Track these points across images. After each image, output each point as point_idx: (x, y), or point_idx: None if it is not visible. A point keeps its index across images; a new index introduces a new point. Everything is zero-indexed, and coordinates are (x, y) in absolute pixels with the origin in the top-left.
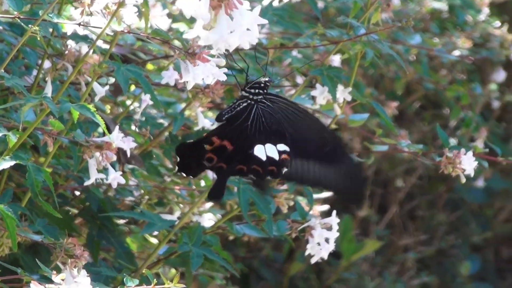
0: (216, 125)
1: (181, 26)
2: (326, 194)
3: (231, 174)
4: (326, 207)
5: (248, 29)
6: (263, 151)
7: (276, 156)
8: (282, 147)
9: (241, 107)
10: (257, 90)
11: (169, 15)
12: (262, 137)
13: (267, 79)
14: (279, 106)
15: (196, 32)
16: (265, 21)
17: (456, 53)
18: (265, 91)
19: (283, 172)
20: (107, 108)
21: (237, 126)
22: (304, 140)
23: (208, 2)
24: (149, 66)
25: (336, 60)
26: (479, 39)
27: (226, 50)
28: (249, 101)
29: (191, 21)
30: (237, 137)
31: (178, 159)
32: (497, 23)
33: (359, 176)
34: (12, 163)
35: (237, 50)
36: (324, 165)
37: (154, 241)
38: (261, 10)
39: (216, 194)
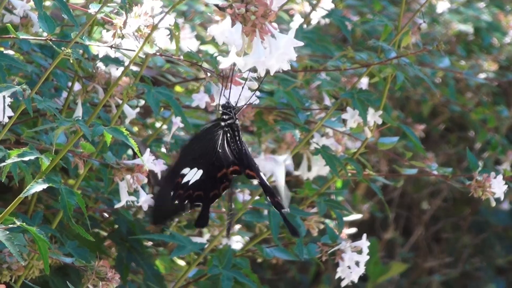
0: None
1: (209, 48)
2: (354, 217)
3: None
4: (353, 230)
5: (284, 51)
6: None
7: None
8: None
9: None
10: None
11: (197, 37)
12: None
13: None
14: None
15: (231, 59)
16: (300, 43)
17: (482, 75)
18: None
19: None
20: (136, 130)
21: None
22: None
23: (240, 28)
24: (178, 88)
25: (364, 83)
26: (505, 62)
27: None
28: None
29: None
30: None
31: None
32: None
33: None
34: (45, 186)
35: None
36: None
37: (181, 263)
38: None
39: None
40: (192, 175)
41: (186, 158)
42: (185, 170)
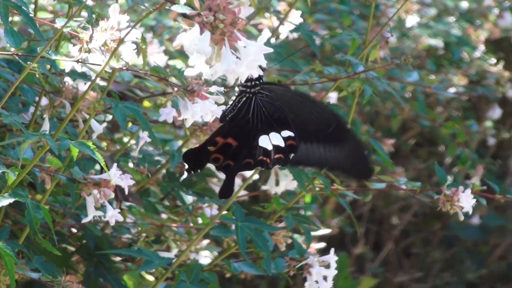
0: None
1: (178, 63)
2: (323, 231)
3: (239, 170)
4: (322, 244)
5: (254, 58)
6: (268, 140)
7: (281, 143)
8: (287, 133)
9: (241, 102)
10: (253, 83)
11: (166, 52)
12: (265, 127)
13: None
14: (277, 94)
15: (198, 68)
16: (270, 50)
17: (452, 90)
18: (261, 81)
19: (291, 157)
20: (104, 145)
21: (239, 122)
22: (306, 123)
23: (209, 36)
24: (146, 103)
25: (332, 97)
26: (474, 76)
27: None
28: (247, 95)
29: (188, 58)
30: (240, 132)
31: (186, 165)
32: (493, 60)
33: (363, 151)
34: (11, 200)
35: (234, 85)
36: (328, 146)
37: (150, 278)
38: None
39: (226, 193)
40: None
41: None
42: None
